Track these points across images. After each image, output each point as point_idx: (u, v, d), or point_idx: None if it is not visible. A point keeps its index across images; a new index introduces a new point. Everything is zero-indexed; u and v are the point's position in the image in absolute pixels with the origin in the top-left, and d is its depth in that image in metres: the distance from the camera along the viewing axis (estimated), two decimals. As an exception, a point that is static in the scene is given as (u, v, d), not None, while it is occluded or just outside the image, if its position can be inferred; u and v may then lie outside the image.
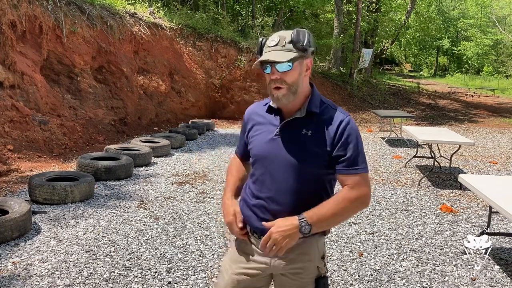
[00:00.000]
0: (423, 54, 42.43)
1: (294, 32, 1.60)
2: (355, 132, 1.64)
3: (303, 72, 1.64)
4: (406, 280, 3.28)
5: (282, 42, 1.60)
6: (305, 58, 1.63)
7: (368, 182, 1.65)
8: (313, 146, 1.62)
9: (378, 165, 7.20)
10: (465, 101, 18.82)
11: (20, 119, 6.72)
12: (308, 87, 1.70)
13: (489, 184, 3.97)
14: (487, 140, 10.39)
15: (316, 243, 1.71)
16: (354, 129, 1.65)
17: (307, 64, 1.65)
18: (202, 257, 3.52)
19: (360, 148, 1.64)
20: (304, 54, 1.61)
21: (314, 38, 1.70)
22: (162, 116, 10.70)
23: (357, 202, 1.62)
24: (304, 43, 1.59)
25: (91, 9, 9.18)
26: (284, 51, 1.59)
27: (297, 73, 1.62)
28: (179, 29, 12.02)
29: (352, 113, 13.85)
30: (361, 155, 1.64)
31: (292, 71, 1.60)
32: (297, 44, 1.59)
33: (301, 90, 1.65)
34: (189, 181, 5.78)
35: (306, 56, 1.62)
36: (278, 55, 1.58)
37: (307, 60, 1.64)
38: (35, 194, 4.58)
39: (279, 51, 1.59)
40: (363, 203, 1.65)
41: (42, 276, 3.11)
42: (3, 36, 6.83)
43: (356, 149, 1.62)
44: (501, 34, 33.91)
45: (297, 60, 1.61)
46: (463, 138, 6.76)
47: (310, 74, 1.69)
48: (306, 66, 1.64)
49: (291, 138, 1.65)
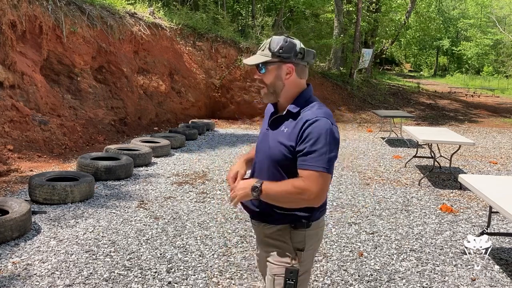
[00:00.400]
0: (423, 54, 42.42)
1: (271, 39, 1.77)
2: (318, 132, 1.68)
3: (281, 75, 1.77)
4: (406, 280, 3.28)
5: (263, 47, 1.79)
6: (284, 63, 1.76)
7: (317, 182, 1.67)
8: (286, 141, 1.74)
9: (378, 165, 7.20)
10: (465, 101, 18.82)
11: (20, 119, 6.72)
12: (297, 89, 1.81)
13: (489, 184, 3.97)
14: (487, 140, 10.39)
15: (288, 233, 1.80)
16: (318, 129, 1.68)
17: (287, 69, 1.77)
18: (202, 257, 3.52)
19: (319, 148, 1.67)
20: (283, 59, 1.75)
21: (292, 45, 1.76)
22: (162, 116, 10.70)
23: (299, 193, 1.68)
24: (275, 50, 1.73)
25: (91, 9, 9.18)
26: (259, 55, 1.78)
27: (273, 76, 1.77)
28: (179, 29, 12.02)
29: (352, 113, 13.85)
30: (316, 154, 1.67)
31: (268, 74, 1.78)
32: (270, 49, 1.75)
33: (284, 92, 1.80)
34: (189, 181, 5.78)
35: (285, 61, 1.75)
36: (252, 58, 1.79)
37: (287, 65, 1.76)
38: (35, 194, 4.58)
39: (257, 54, 1.79)
40: (304, 197, 1.68)
41: (42, 276, 3.11)
42: (3, 36, 6.83)
43: (311, 147, 1.67)
44: (501, 34, 33.90)
45: (272, 64, 1.76)
46: (463, 138, 6.76)
47: (293, 78, 1.78)
48: (286, 71, 1.77)
49: (273, 134, 1.81)
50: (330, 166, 1.69)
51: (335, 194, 5.47)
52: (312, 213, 1.81)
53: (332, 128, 1.71)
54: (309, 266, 1.89)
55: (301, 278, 1.83)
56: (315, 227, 1.87)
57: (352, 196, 5.40)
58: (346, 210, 4.85)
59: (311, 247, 1.86)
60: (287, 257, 1.81)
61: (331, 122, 1.73)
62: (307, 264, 1.87)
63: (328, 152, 1.68)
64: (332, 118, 1.76)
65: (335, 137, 1.72)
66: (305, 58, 1.79)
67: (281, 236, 1.82)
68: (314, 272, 3.35)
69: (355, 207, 4.97)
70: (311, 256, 1.88)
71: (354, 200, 5.26)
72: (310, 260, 1.88)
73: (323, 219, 1.94)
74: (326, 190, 1.72)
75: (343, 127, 11.87)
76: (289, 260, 1.81)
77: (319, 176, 1.67)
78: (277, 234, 1.83)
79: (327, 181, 1.70)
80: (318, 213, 1.86)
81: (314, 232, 1.87)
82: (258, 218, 1.88)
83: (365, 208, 4.97)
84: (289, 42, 1.75)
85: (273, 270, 1.83)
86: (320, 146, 1.67)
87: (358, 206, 5.03)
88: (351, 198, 5.33)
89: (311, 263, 1.91)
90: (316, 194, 1.68)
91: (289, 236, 1.81)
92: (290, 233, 1.81)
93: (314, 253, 1.92)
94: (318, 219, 1.87)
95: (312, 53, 1.82)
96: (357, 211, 4.85)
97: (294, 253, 1.81)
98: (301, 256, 1.82)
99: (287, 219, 1.80)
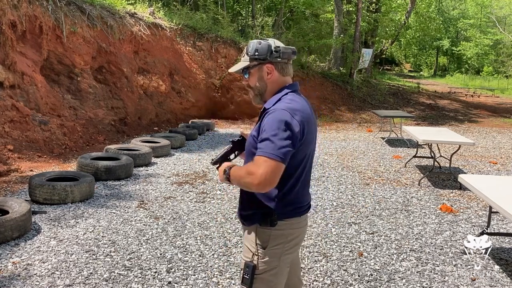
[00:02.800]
0: (423, 54, 42.43)
1: (248, 44, 1.89)
2: (272, 121, 1.75)
3: (263, 76, 1.89)
4: (406, 280, 3.29)
5: (243, 54, 1.92)
6: (263, 64, 1.87)
7: (262, 166, 1.70)
8: (253, 132, 1.87)
9: (378, 165, 7.20)
10: (465, 101, 18.82)
11: (20, 119, 6.72)
12: (279, 87, 1.90)
13: (489, 184, 3.97)
14: (487, 140, 10.39)
15: (254, 229, 1.89)
16: (272, 119, 1.75)
17: (267, 69, 1.87)
18: (202, 257, 3.53)
19: (269, 136, 1.73)
20: (261, 61, 1.86)
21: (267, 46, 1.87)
22: (162, 116, 10.70)
23: (247, 176, 1.75)
24: (251, 53, 1.86)
25: (91, 9, 9.18)
26: (242, 62, 1.91)
27: (256, 78, 1.90)
28: (179, 29, 12.02)
29: (352, 113, 13.86)
30: (266, 141, 1.73)
31: (251, 77, 1.91)
32: (248, 54, 1.88)
33: (268, 91, 1.91)
34: (189, 181, 5.78)
35: (263, 62, 1.86)
36: (235, 65, 1.94)
37: (266, 65, 1.87)
38: (35, 194, 4.58)
39: (241, 61, 1.92)
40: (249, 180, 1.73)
41: (42, 276, 3.11)
42: (3, 36, 6.83)
43: (264, 135, 1.75)
44: (501, 34, 33.90)
45: (253, 68, 1.89)
46: (463, 138, 6.76)
47: (275, 77, 1.89)
48: (267, 70, 1.88)
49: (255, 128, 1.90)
50: (279, 155, 1.71)
51: (335, 194, 5.47)
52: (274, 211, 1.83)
53: (287, 119, 1.74)
54: (274, 266, 1.86)
55: (262, 277, 1.84)
56: (285, 227, 1.86)
57: (352, 196, 5.40)
58: (346, 210, 4.85)
59: (277, 247, 1.86)
60: (250, 252, 1.89)
61: (291, 114, 1.75)
62: (272, 263, 1.85)
63: (278, 141, 1.71)
64: (294, 112, 1.77)
65: (289, 128, 1.73)
66: (282, 55, 1.87)
67: (250, 231, 1.92)
68: (314, 272, 3.36)
69: (355, 207, 4.97)
70: (277, 256, 1.86)
71: (354, 200, 5.26)
72: (275, 260, 1.86)
73: (298, 221, 1.91)
74: (271, 176, 1.71)
75: (343, 127, 11.88)
76: (251, 255, 1.88)
77: (264, 161, 1.70)
78: (249, 229, 1.93)
79: (273, 168, 1.70)
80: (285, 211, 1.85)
81: (283, 233, 1.87)
82: (240, 220, 2.02)
83: (365, 208, 4.97)
84: (262, 44, 1.86)
85: (241, 265, 1.94)
86: (270, 134, 1.73)
87: (358, 206, 5.03)
88: (351, 198, 5.33)
89: (278, 263, 1.87)
90: (260, 178, 1.69)
91: (255, 233, 1.89)
92: (256, 230, 1.88)
93: (283, 254, 1.88)
94: (287, 218, 1.86)
95: (291, 50, 1.89)
96: (357, 211, 4.85)
97: (256, 249, 1.87)
98: (263, 254, 1.85)
99: (255, 219, 1.87)
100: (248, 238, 1.92)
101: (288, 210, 1.87)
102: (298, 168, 1.86)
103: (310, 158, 1.93)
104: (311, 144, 1.90)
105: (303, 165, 1.88)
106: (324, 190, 5.64)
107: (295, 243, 1.94)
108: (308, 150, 1.88)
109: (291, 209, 1.88)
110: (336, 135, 10.40)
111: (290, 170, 1.82)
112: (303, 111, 1.82)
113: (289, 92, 1.88)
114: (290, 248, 1.91)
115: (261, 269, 1.85)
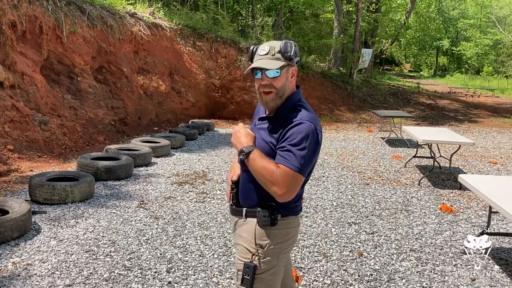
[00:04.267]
0: (423, 54, 42.44)
1: (282, 43, 1.84)
2: (300, 133, 1.76)
3: (289, 78, 1.88)
4: (406, 280, 3.29)
5: (272, 52, 1.85)
6: (291, 66, 1.87)
7: (287, 178, 1.73)
8: (269, 138, 1.84)
9: (378, 165, 7.20)
10: (465, 101, 18.82)
11: (20, 119, 6.72)
12: (291, 91, 1.90)
13: (489, 184, 3.98)
14: (487, 140, 10.39)
15: (254, 228, 1.87)
16: (300, 130, 1.76)
17: (293, 72, 1.89)
18: (202, 257, 3.53)
19: (297, 148, 1.74)
20: (291, 63, 1.85)
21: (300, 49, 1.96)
22: (162, 116, 10.70)
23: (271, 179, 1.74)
24: (291, 53, 1.83)
25: (91, 9, 9.18)
26: (274, 60, 1.83)
27: (284, 79, 1.86)
28: (179, 29, 12.01)
29: (352, 113, 13.86)
30: (294, 153, 1.74)
31: (280, 77, 1.85)
32: (285, 54, 1.83)
33: (287, 94, 1.89)
34: (189, 181, 5.78)
35: (292, 64, 1.86)
36: (268, 63, 1.83)
37: (292, 68, 1.88)
38: (35, 194, 4.58)
39: (269, 59, 1.83)
40: (273, 186, 1.74)
41: (42, 276, 3.11)
42: (3, 36, 6.83)
43: (291, 146, 1.75)
44: (501, 34, 33.90)
45: (285, 68, 1.85)
46: (463, 138, 6.76)
47: (294, 80, 1.91)
48: (292, 74, 1.89)
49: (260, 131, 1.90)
50: (304, 168, 1.75)
51: (335, 194, 5.47)
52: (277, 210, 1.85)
53: (314, 132, 1.78)
54: (273, 265, 1.87)
55: (261, 276, 1.85)
56: (283, 226, 1.88)
57: (352, 196, 5.40)
58: (346, 210, 4.85)
59: (276, 246, 1.87)
60: (249, 252, 1.87)
61: (315, 126, 1.79)
62: (271, 263, 1.86)
63: (306, 154, 1.74)
64: (317, 123, 1.83)
65: (316, 141, 1.78)
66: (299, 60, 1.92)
67: (246, 229, 1.90)
68: (314, 272, 3.36)
69: (355, 207, 4.97)
70: (276, 255, 1.87)
71: (354, 200, 5.26)
72: (274, 259, 1.87)
73: (295, 220, 1.94)
74: (294, 189, 1.77)
75: (343, 127, 11.88)
76: (250, 256, 1.86)
77: (290, 174, 1.74)
78: (245, 226, 1.91)
79: (297, 181, 1.76)
80: (286, 210, 1.88)
81: (282, 232, 1.88)
82: (233, 212, 1.98)
83: (365, 208, 4.97)
84: (297, 46, 1.87)
85: (237, 266, 1.90)
86: (298, 147, 1.75)
87: (358, 206, 5.03)
88: (351, 198, 5.34)
89: (276, 262, 1.88)
90: (282, 189, 1.74)
91: (254, 232, 1.87)
92: (255, 229, 1.87)
93: (281, 253, 1.89)
94: (286, 216, 1.88)
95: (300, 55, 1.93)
96: (357, 211, 4.85)
97: (255, 249, 1.85)
98: (263, 254, 1.85)
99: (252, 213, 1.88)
100: (245, 238, 1.90)
101: (289, 208, 1.89)
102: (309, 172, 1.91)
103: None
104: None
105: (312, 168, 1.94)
106: (324, 190, 5.64)
107: (291, 243, 1.96)
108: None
109: (290, 207, 1.90)
110: (336, 135, 10.40)
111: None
112: (318, 119, 1.88)
113: (300, 98, 1.92)
114: (287, 247, 1.93)
115: (261, 269, 1.85)
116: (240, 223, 1.95)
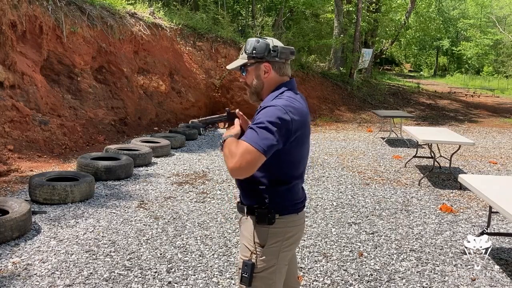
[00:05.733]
0: (423, 54, 42.40)
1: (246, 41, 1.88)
2: (264, 114, 1.75)
3: (260, 75, 1.88)
4: (406, 280, 3.29)
5: (242, 51, 1.90)
6: (261, 63, 1.86)
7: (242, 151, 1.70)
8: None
9: (378, 165, 7.20)
10: (465, 101, 18.82)
11: (20, 119, 6.72)
12: (276, 86, 1.89)
13: (489, 184, 3.98)
14: (487, 140, 10.39)
15: (252, 226, 1.88)
16: (265, 112, 1.76)
17: (265, 68, 1.87)
18: (202, 257, 3.53)
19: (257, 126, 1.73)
20: (258, 59, 1.86)
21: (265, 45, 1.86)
22: (162, 116, 10.70)
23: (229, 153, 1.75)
24: (249, 51, 1.85)
25: (91, 9, 9.18)
26: (240, 59, 1.91)
27: (253, 77, 1.89)
28: (179, 29, 12.01)
29: (352, 113, 13.86)
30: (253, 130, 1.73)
31: (248, 75, 1.90)
32: (246, 52, 1.87)
33: (265, 90, 1.90)
34: (189, 181, 5.78)
35: (261, 61, 1.86)
36: (233, 62, 1.92)
37: (264, 64, 1.87)
38: (35, 194, 4.58)
39: (239, 59, 1.91)
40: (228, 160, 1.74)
41: (42, 276, 3.11)
42: (3, 36, 6.83)
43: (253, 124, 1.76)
44: (501, 34, 33.88)
45: (251, 66, 1.88)
46: (463, 138, 6.76)
47: (272, 76, 1.88)
48: (264, 69, 1.87)
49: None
50: (262, 146, 1.69)
51: (335, 194, 5.47)
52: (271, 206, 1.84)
53: (279, 115, 1.73)
54: (273, 264, 1.87)
55: (260, 275, 1.84)
56: (282, 225, 1.87)
57: (352, 196, 5.40)
58: (346, 210, 4.85)
59: (275, 245, 1.86)
60: (248, 251, 1.88)
61: (287, 112, 1.74)
62: (270, 261, 1.86)
63: (265, 132, 1.71)
64: (290, 110, 1.76)
65: (283, 126, 1.73)
66: (280, 55, 1.86)
67: (245, 228, 1.91)
68: (314, 272, 3.36)
69: (355, 207, 4.97)
70: (275, 253, 1.87)
71: (354, 200, 5.26)
72: (273, 257, 1.87)
73: (295, 218, 1.92)
74: (247, 165, 1.70)
75: (343, 127, 11.88)
76: (249, 254, 1.87)
77: (245, 148, 1.70)
78: (245, 224, 1.92)
79: (253, 157, 1.69)
80: (282, 207, 1.86)
81: (281, 230, 1.87)
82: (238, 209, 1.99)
83: (365, 208, 4.97)
84: (261, 42, 1.85)
85: (238, 264, 1.92)
86: (259, 125, 1.72)
87: (358, 206, 5.03)
88: (351, 198, 5.33)
89: (276, 261, 1.87)
90: (235, 162, 1.70)
91: (253, 231, 1.87)
92: (254, 227, 1.87)
93: (280, 252, 1.88)
94: (284, 215, 1.87)
95: (289, 50, 1.89)
96: (357, 211, 4.85)
97: (254, 247, 1.86)
98: (261, 252, 1.85)
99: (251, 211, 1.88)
100: (245, 236, 1.91)
101: (285, 207, 1.88)
102: (294, 166, 1.88)
103: (306, 155, 1.95)
104: (306, 143, 1.91)
105: (299, 163, 1.90)
106: (324, 190, 5.64)
107: (293, 241, 1.94)
108: (304, 148, 1.90)
109: (288, 205, 1.89)
110: (336, 135, 10.40)
111: (288, 168, 1.85)
112: (299, 109, 1.81)
113: (285, 90, 1.87)
114: (288, 246, 1.91)
115: (259, 268, 1.85)
116: (243, 220, 1.96)
